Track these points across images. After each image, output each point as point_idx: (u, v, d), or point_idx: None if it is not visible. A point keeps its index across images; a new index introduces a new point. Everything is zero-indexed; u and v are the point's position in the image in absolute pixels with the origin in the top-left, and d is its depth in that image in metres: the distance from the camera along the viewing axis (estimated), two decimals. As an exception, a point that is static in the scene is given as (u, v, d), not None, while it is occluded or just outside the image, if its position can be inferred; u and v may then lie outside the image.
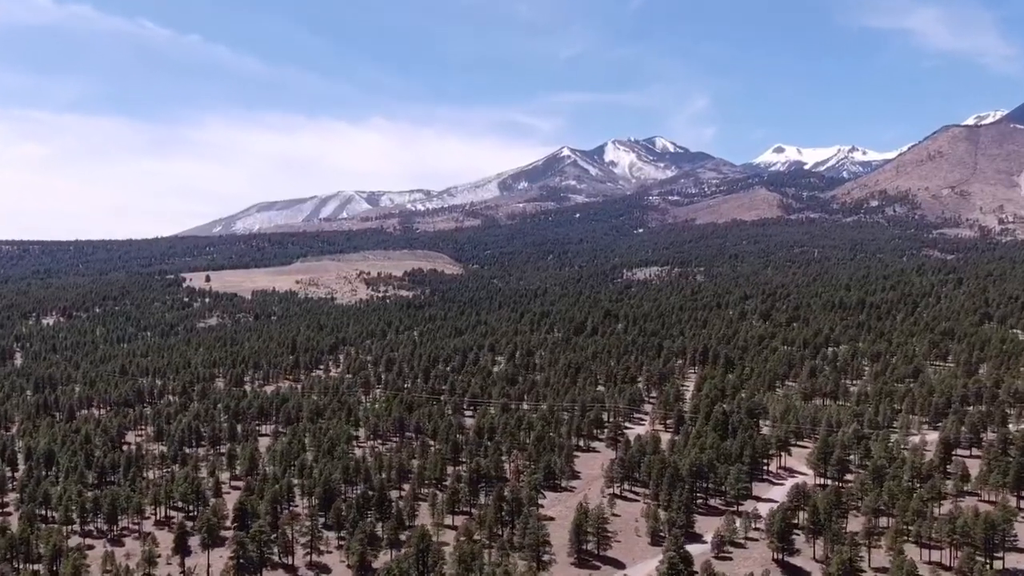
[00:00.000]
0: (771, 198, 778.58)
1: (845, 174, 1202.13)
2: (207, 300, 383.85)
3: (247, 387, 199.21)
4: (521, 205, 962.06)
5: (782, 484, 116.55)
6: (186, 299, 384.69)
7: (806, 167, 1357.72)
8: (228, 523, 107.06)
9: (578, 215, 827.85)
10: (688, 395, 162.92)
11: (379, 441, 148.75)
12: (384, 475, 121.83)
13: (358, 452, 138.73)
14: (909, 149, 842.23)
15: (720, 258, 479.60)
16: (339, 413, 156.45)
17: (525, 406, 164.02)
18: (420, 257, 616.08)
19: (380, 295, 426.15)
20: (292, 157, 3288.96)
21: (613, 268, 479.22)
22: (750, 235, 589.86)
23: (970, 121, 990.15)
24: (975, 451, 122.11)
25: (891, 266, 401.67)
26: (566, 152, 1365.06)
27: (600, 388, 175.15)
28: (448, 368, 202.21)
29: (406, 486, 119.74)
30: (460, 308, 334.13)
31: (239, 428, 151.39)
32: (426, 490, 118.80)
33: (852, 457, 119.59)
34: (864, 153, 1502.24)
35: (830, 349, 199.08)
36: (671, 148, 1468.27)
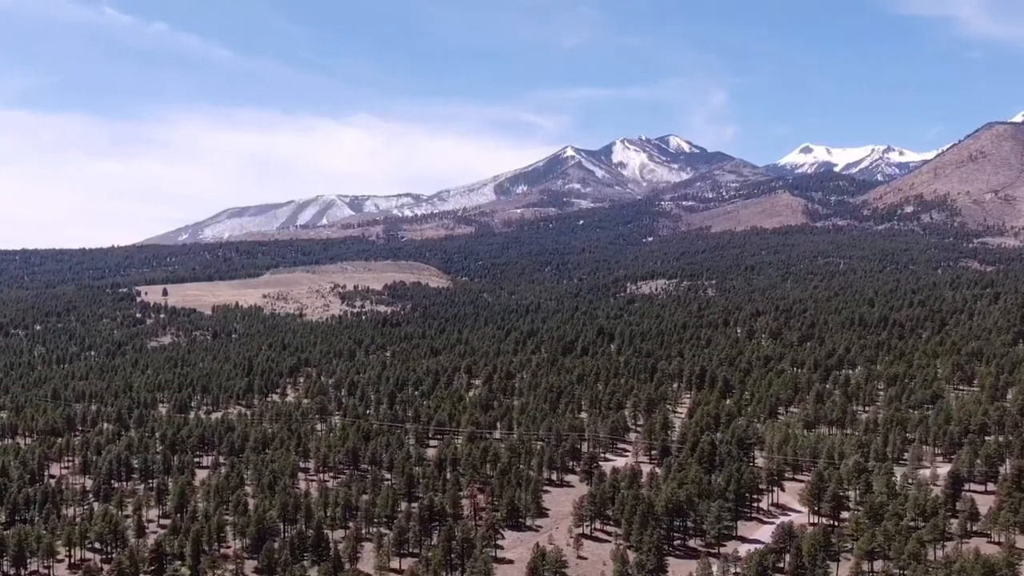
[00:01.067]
0: (795, 203, 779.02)
1: (879, 176, 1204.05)
2: (162, 316, 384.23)
3: (193, 414, 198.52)
4: (519, 211, 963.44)
5: (773, 522, 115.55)
6: (138, 315, 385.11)
7: (836, 169, 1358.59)
8: (147, 567, 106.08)
9: (581, 222, 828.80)
10: (680, 423, 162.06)
11: (330, 474, 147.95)
12: (328, 512, 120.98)
13: (304, 486, 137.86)
14: (948, 149, 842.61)
15: (735, 270, 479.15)
16: (288, 443, 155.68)
17: (497, 435, 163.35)
18: (404, 268, 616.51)
19: (355, 311, 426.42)
20: (268, 157, 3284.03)
21: (616, 281, 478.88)
22: (770, 244, 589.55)
23: (1017, 118, 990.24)
24: (991, 486, 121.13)
25: (923, 279, 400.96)
26: (569, 152, 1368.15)
27: (583, 415, 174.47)
28: (417, 392, 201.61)
29: (353, 524, 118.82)
30: (441, 325, 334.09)
31: (175, 460, 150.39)
32: (375, 529, 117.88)
33: (851, 493, 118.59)
34: (901, 153, 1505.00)
35: (843, 371, 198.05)
36: (686, 148, 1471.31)
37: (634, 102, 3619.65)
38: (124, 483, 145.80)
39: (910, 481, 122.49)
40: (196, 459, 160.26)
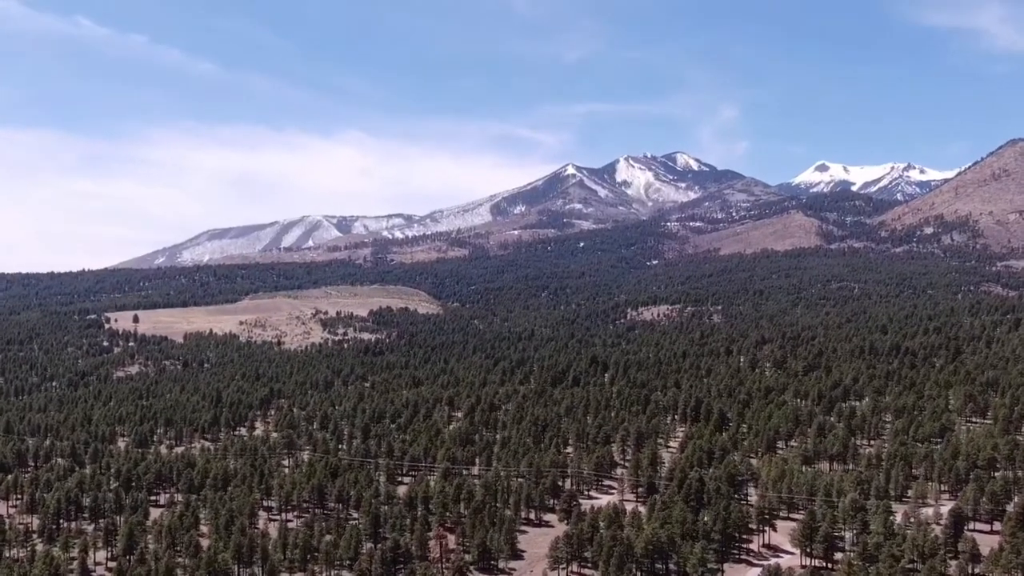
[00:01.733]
0: (808, 224, 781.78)
1: (899, 196, 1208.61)
2: (131, 344, 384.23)
3: (154, 448, 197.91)
4: (516, 232, 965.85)
5: (763, 565, 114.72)
6: (106, 343, 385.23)
7: (854, 188, 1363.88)
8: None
9: (582, 244, 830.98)
10: (672, 458, 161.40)
11: (294, 513, 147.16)
12: (286, 554, 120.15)
13: (264, 526, 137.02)
14: (970, 167, 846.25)
15: (743, 295, 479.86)
16: (250, 480, 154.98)
17: (475, 471, 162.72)
18: (392, 293, 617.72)
19: (338, 338, 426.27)
20: (253, 177, 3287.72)
21: (616, 307, 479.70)
22: (781, 267, 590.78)
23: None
24: (997, 525, 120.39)
25: (941, 304, 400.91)
26: (570, 170, 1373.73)
27: (569, 450, 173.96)
28: (394, 425, 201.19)
29: (313, 567, 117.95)
30: (426, 354, 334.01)
31: (128, 498, 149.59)
32: (335, 572, 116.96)
33: (847, 533, 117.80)
34: (922, 172, 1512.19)
35: (848, 403, 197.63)
36: (694, 166, 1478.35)
37: (639, 118, 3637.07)
38: (72, 523, 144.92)
39: (911, 520, 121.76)
40: (152, 497, 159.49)
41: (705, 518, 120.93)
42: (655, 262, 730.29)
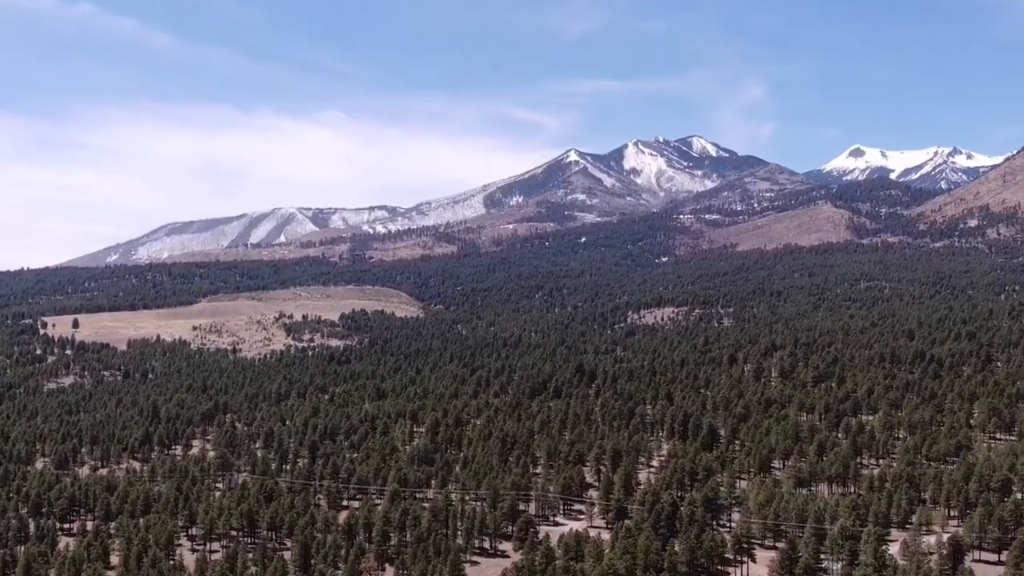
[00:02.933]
0: (838, 216, 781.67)
1: (943, 184, 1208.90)
2: (67, 352, 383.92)
3: (74, 470, 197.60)
4: (511, 226, 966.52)
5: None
6: (39, 351, 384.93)
7: (893, 175, 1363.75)
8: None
9: (583, 239, 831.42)
10: (654, 479, 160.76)
11: (221, 542, 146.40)
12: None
13: (182, 557, 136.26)
14: (1020, 152, 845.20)
15: (758, 296, 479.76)
16: (173, 505, 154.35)
17: (431, 494, 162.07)
18: (368, 295, 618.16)
19: (302, 345, 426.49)
20: (217, 163, 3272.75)
21: (616, 309, 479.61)
22: (804, 265, 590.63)
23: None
24: (1006, 555, 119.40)
25: (980, 306, 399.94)
26: (573, 157, 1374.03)
27: (539, 470, 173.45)
28: (347, 443, 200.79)
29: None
30: (397, 363, 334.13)
31: (35, 525, 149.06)
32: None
33: (833, 565, 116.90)
34: (969, 157, 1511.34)
35: (857, 417, 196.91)
36: (712, 151, 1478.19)
37: (651, 97, 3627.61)
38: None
39: (909, 549, 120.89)
40: (66, 525, 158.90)
41: (676, 547, 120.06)
42: (664, 259, 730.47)
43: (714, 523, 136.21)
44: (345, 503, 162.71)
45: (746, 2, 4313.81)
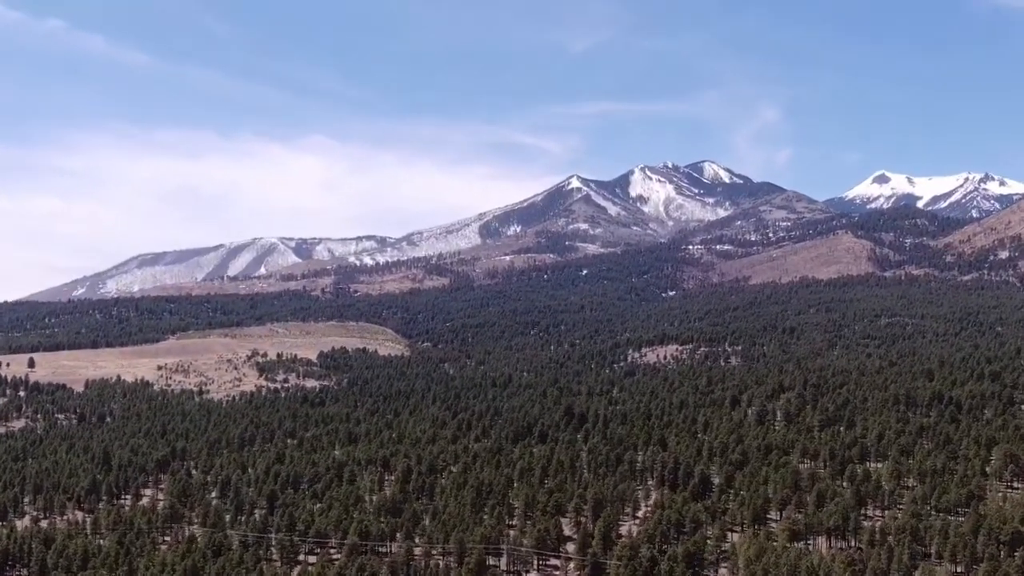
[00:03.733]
0: (858, 247, 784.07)
1: (975, 212, 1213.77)
2: (20, 394, 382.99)
3: (17, 521, 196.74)
4: (507, 257, 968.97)
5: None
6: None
7: (920, 203, 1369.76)
8: None
9: (584, 272, 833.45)
10: (637, 531, 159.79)
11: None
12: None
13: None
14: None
15: (770, 333, 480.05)
16: (112, 560, 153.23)
17: (394, 548, 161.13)
18: (351, 331, 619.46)
19: (275, 386, 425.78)
20: (194, 190, 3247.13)
21: (616, 347, 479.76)
22: (821, 300, 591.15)
23: None
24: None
25: (1008, 344, 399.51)
26: (575, 184, 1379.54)
27: (515, 521, 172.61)
28: (310, 492, 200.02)
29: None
30: (375, 405, 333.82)
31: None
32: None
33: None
34: (1002, 183, 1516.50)
35: (864, 464, 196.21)
36: (725, 177, 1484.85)
37: (660, 119, 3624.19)
38: None
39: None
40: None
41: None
42: (671, 293, 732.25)
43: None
44: (301, 558, 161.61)
45: (760, 19, 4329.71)
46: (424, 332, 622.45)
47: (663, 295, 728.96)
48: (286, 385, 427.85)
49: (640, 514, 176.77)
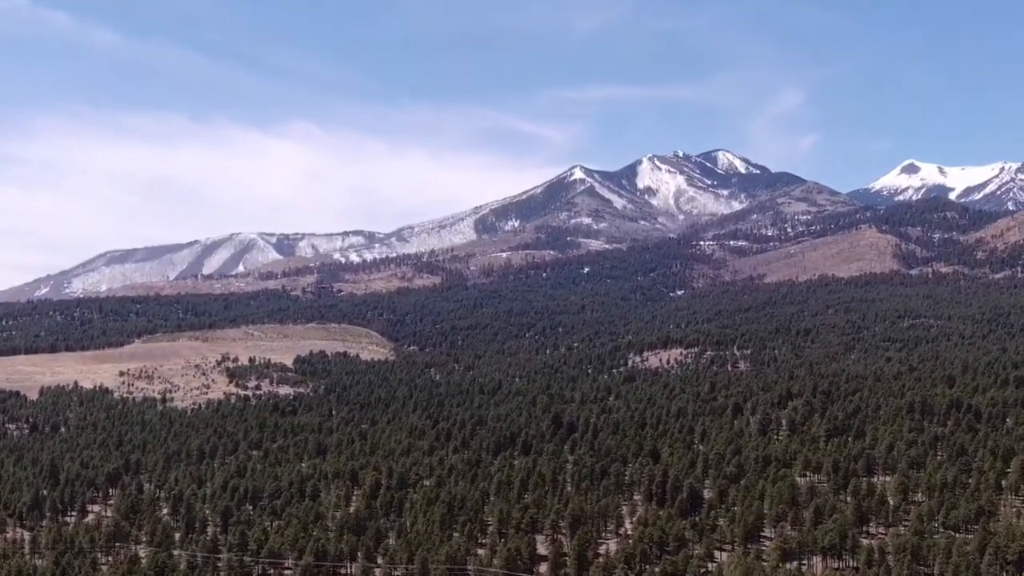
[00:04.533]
0: (883, 242, 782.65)
1: (1011, 204, 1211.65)
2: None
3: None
4: (504, 254, 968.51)
5: None
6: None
7: (952, 194, 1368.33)
8: None
9: (586, 269, 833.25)
10: (619, 550, 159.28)
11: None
12: None
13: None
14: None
15: (782, 335, 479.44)
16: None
17: (354, 569, 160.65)
18: (333, 334, 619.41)
19: (248, 393, 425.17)
20: (167, 181, 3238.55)
21: (616, 350, 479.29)
22: (841, 300, 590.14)
23: None
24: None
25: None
26: (578, 174, 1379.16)
27: (487, 540, 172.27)
28: (269, 508, 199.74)
29: None
30: (351, 413, 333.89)
31: None
32: None
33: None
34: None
35: (870, 478, 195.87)
36: (740, 167, 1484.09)
37: (671, 106, 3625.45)
38: None
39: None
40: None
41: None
42: (679, 293, 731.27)
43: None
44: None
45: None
46: (411, 335, 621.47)
47: (670, 295, 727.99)
48: (258, 392, 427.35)
49: (624, 531, 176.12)
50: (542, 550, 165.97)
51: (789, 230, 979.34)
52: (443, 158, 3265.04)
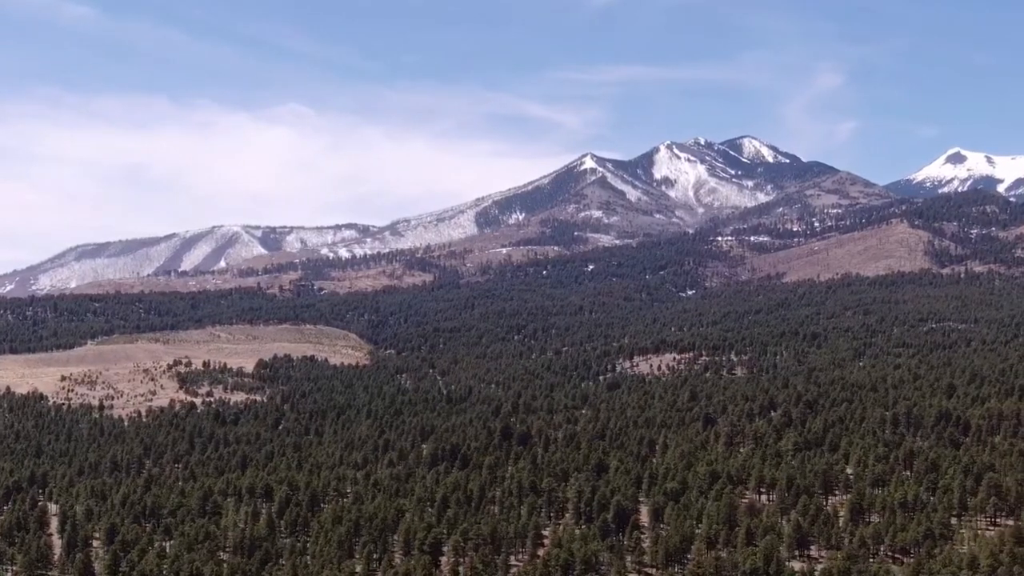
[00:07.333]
0: (913, 238, 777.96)
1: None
2: None
3: None
4: (504, 250, 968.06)
5: None
6: None
7: (1000, 186, 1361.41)
8: None
9: (591, 267, 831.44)
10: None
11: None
12: None
13: None
14: None
15: (789, 339, 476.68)
16: None
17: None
18: (307, 336, 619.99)
19: (197, 400, 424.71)
20: (144, 169, 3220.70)
21: (605, 355, 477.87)
22: (862, 301, 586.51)
23: None
24: None
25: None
26: (589, 163, 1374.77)
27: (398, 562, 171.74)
28: (162, 527, 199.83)
29: None
30: (299, 422, 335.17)
31: None
32: None
33: None
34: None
35: (827, 497, 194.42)
36: (768, 156, 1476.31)
37: (693, 88, 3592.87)
38: None
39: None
40: None
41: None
42: (690, 292, 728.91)
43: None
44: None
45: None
46: (392, 337, 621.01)
47: (680, 294, 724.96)
48: (209, 399, 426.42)
49: (539, 553, 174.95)
50: (448, 573, 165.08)
51: (816, 224, 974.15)
52: (443, 144, 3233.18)
